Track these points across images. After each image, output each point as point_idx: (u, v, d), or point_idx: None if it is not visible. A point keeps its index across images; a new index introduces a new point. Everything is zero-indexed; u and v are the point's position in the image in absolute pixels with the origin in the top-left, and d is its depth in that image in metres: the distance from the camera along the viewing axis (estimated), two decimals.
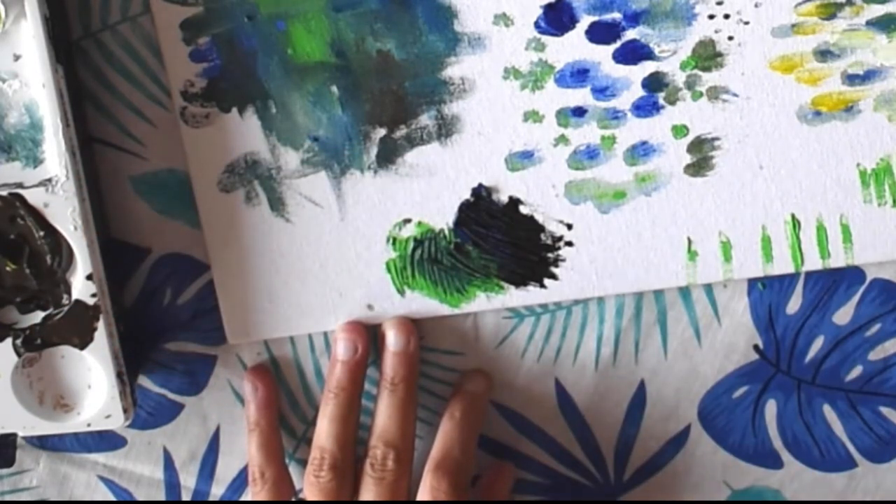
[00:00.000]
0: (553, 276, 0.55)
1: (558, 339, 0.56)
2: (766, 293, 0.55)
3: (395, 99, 0.53)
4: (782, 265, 0.54)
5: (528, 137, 0.53)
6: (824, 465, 0.58)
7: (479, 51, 0.52)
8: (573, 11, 0.52)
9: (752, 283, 0.55)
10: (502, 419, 0.58)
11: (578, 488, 0.59)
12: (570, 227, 0.54)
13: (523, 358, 0.57)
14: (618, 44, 0.52)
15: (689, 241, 0.54)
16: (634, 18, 0.51)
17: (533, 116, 0.53)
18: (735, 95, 0.52)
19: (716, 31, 0.51)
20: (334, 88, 0.53)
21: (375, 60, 0.52)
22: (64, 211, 0.51)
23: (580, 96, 0.52)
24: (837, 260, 0.53)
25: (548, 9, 0.52)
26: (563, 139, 0.53)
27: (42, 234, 0.51)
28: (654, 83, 0.52)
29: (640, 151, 0.53)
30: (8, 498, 0.59)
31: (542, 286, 0.55)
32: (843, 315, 0.55)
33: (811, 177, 0.53)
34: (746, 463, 0.58)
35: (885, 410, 0.57)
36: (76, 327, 0.52)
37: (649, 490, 0.58)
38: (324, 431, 0.54)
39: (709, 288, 0.55)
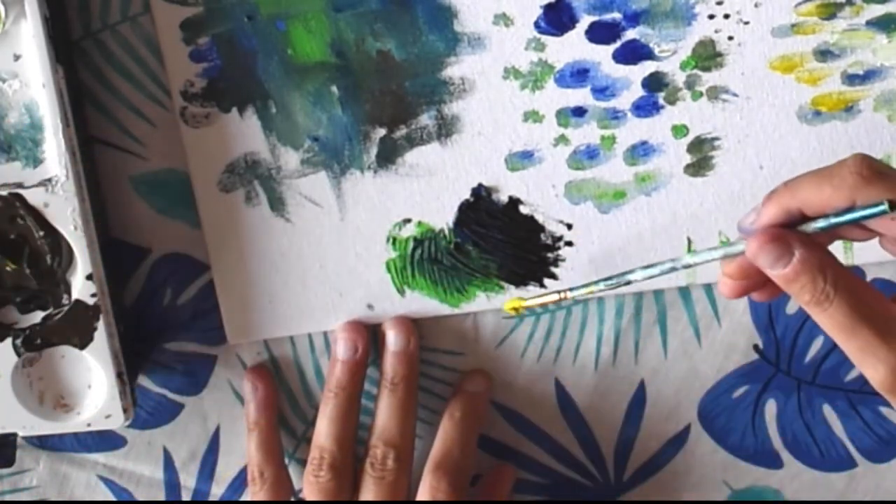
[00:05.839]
0: (553, 276, 0.55)
1: (558, 339, 0.56)
2: None
3: (395, 99, 0.53)
4: None
5: (528, 137, 0.53)
6: (824, 465, 0.58)
7: (479, 51, 0.52)
8: (573, 11, 0.52)
9: None
10: (502, 419, 0.58)
11: (578, 488, 0.59)
12: (570, 227, 0.54)
13: (523, 358, 0.57)
14: (618, 44, 0.52)
15: (689, 241, 0.54)
16: (634, 18, 0.51)
17: (533, 116, 0.53)
18: (735, 95, 0.52)
19: (716, 31, 0.51)
20: (334, 88, 0.53)
21: (375, 60, 0.52)
22: (64, 211, 0.51)
23: (580, 96, 0.52)
24: None
25: (548, 9, 0.52)
26: (563, 139, 0.53)
27: (42, 234, 0.51)
28: (654, 83, 0.52)
29: (640, 151, 0.53)
30: (8, 498, 0.59)
31: (542, 286, 0.55)
32: None
33: None
34: (746, 463, 0.58)
35: (885, 410, 0.57)
36: (76, 327, 0.52)
37: (649, 490, 0.58)
38: (323, 431, 0.54)
39: (709, 288, 0.55)
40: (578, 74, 0.52)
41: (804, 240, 0.42)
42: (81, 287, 0.51)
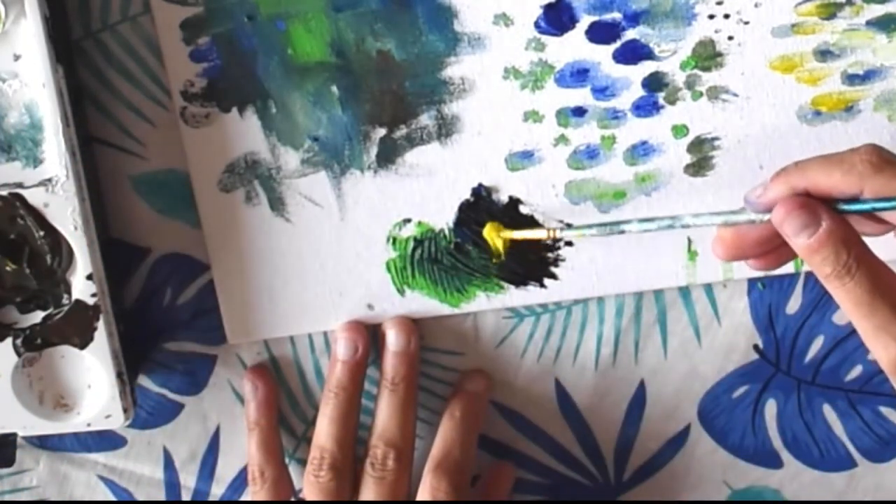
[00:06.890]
0: (553, 276, 0.55)
1: (558, 339, 0.56)
2: (766, 293, 0.55)
3: (395, 99, 0.53)
4: None
5: (528, 137, 0.53)
6: (824, 464, 0.58)
7: (479, 51, 0.52)
8: (573, 11, 0.52)
9: (752, 283, 0.55)
10: (502, 419, 0.58)
11: (578, 488, 0.59)
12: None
13: (523, 358, 0.57)
14: (618, 44, 0.52)
15: (689, 241, 0.54)
16: (634, 18, 0.51)
17: (533, 116, 0.53)
18: (735, 95, 0.52)
19: (716, 31, 0.51)
20: (334, 88, 0.53)
21: (375, 60, 0.52)
22: (64, 211, 0.51)
23: (580, 96, 0.52)
24: None
25: (548, 9, 0.52)
26: (563, 139, 0.53)
27: (42, 234, 0.51)
28: (654, 83, 0.52)
29: (640, 151, 0.53)
30: (8, 498, 0.59)
31: (542, 286, 0.55)
32: (843, 315, 0.55)
33: None
34: (746, 463, 0.58)
35: (884, 410, 0.57)
36: (76, 327, 0.52)
37: (649, 490, 0.58)
38: (323, 431, 0.54)
39: (709, 288, 0.55)
40: (578, 74, 0.52)
41: (831, 212, 0.42)
42: (81, 287, 0.51)
